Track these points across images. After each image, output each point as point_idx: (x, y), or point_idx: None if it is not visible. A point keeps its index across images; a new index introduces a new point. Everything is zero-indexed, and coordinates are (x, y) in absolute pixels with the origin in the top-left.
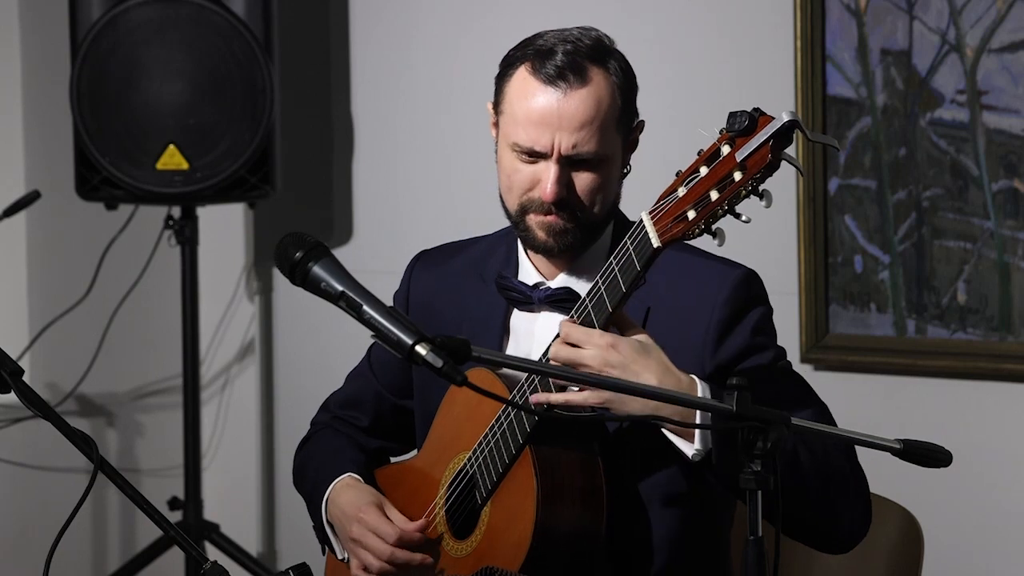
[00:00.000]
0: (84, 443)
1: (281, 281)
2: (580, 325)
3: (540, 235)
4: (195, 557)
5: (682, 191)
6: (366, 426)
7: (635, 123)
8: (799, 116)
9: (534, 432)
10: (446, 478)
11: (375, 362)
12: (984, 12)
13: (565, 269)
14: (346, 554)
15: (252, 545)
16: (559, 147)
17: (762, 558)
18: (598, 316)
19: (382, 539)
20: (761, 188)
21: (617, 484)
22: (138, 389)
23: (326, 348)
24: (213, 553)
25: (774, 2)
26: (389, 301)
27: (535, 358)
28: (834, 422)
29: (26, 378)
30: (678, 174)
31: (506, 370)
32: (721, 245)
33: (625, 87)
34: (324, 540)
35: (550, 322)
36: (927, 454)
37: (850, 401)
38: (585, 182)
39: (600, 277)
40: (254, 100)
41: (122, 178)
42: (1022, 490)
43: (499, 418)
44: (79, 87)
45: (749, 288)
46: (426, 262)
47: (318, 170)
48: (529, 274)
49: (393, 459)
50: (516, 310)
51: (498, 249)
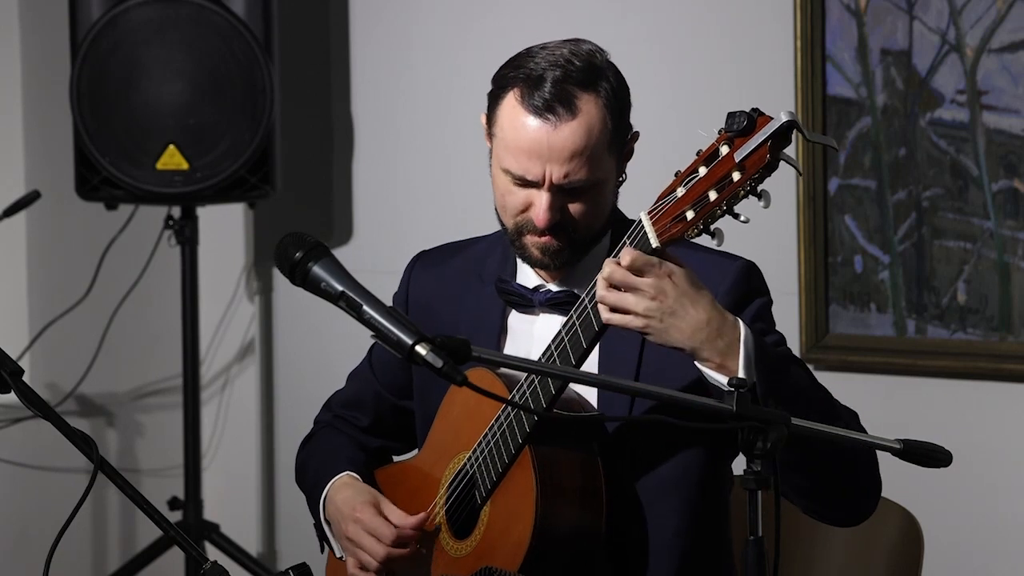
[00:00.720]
0: (84, 443)
1: (281, 281)
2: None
3: (535, 253)
4: (195, 557)
5: (681, 191)
6: (366, 426)
7: (629, 136)
8: (798, 116)
9: (534, 432)
10: (446, 478)
11: (376, 362)
12: (984, 12)
13: (565, 272)
14: (344, 553)
15: (252, 545)
16: (550, 177)
17: (762, 558)
18: (598, 317)
19: (377, 539)
20: (760, 188)
21: (616, 484)
22: (138, 389)
23: (326, 348)
24: (213, 553)
25: (774, 2)
26: (389, 301)
27: (534, 358)
28: (837, 401)
29: (26, 378)
30: (677, 174)
31: (506, 370)
32: (720, 245)
33: (616, 107)
34: (323, 538)
35: (549, 323)
36: (927, 454)
37: (850, 401)
38: (578, 207)
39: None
40: (254, 100)
41: (122, 178)
42: (1022, 490)
43: (499, 418)
44: (79, 87)
45: (749, 279)
46: (425, 262)
47: (318, 170)
48: (528, 276)
49: (394, 458)
50: (514, 311)
51: (496, 250)
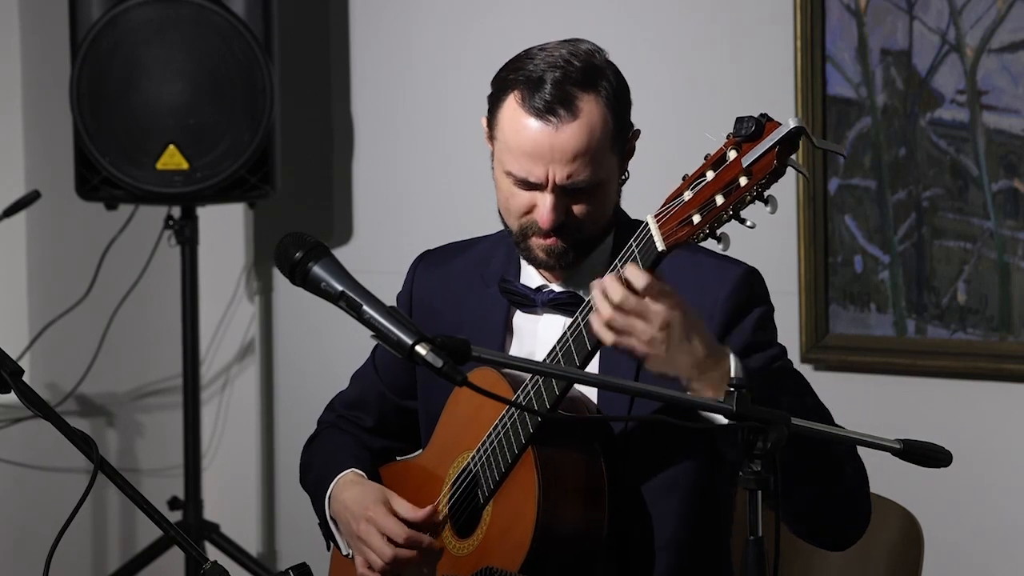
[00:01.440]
0: (84, 443)
1: (281, 281)
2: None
3: (540, 255)
4: (195, 557)
5: (688, 195)
6: (370, 426)
7: (630, 134)
8: (802, 119)
9: (537, 432)
10: (449, 477)
11: (379, 363)
12: (984, 12)
13: (568, 272)
14: (350, 550)
15: (252, 545)
16: (553, 178)
17: (762, 558)
18: None
19: (388, 539)
20: (766, 194)
21: (619, 485)
22: (138, 389)
23: (326, 348)
24: (213, 553)
25: (774, 2)
26: (389, 301)
27: (538, 358)
28: (833, 420)
29: (26, 378)
30: (684, 177)
31: (509, 370)
32: (725, 250)
33: (617, 106)
34: (329, 536)
35: (553, 323)
36: (927, 454)
37: (850, 401)
38: (582, 207)
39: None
40: (254, 100)
41: (122, 178)
42: (1022, 490)
43: (502, 418)
44: (79, 87)
45: (750, 286)
46: (428, 262)
47: (318, 170)
48: (532, 276)
49: (398, 457)
50: (519, 311)
51: (500, 250)
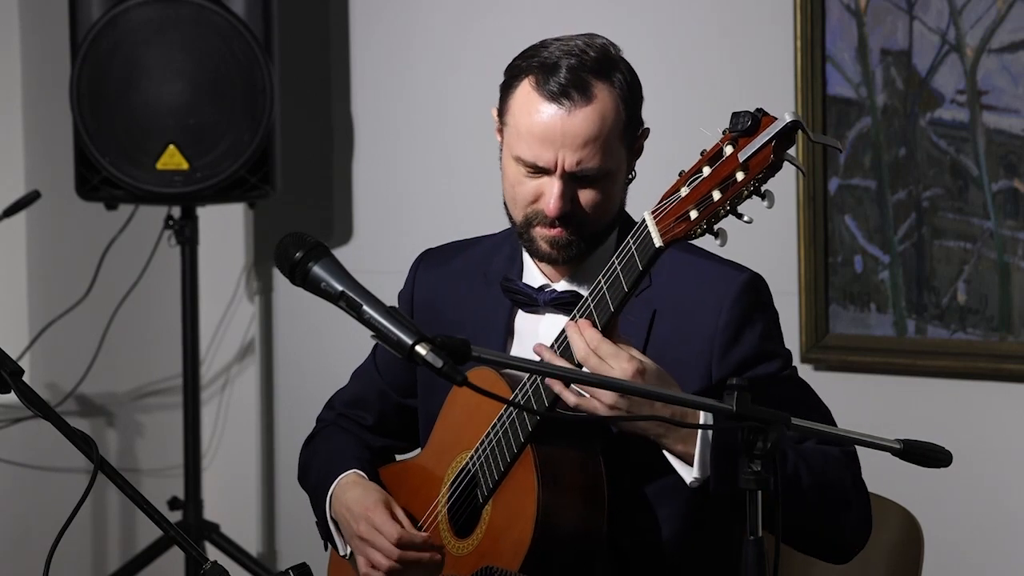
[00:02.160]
0: (84, 443)
1: (281, 281)
2: (602, 336)
3: (544, 247)
4: (195, 557)
5: (685, 191)
6: (371, 425)
7: (640, 131)
8: (800, 116)
9: (536, 431)
10: (448, 477)
11: (380, 361)
12: (984, 12)
13: (571, 271)
14: (349, 550)
15: (252, 545)
16: (563, 164)
17: (762, 558)
18: (600, 315)
19: (389, 539)
20: (763, 189)
21: (618, 484)
22: (138, 389)
23: (326, 348)
24: (213, 553)
25: (774, 2)
26: (390, 301)
27: (538, 359)
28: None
29: (26, 378)
30: (681, 174)
31: (509, 369)
32: (723, 245)
33: (630, 99)
34: (327, 536)
35: (555, 323)
36: (927, 454)
37: (850, 401)
38: (589, 196)
39: (603, 276)
40: (254, 100)
41: (122, 178)
42: (1022, 490)
43: (501, 417)
44: (79, 87)
45: (755, 293)
46: (429, 262)
47: (318, 170)
48: (534, 276)
49: (397, 457)
50: (521, 311)
51: (502, 249)
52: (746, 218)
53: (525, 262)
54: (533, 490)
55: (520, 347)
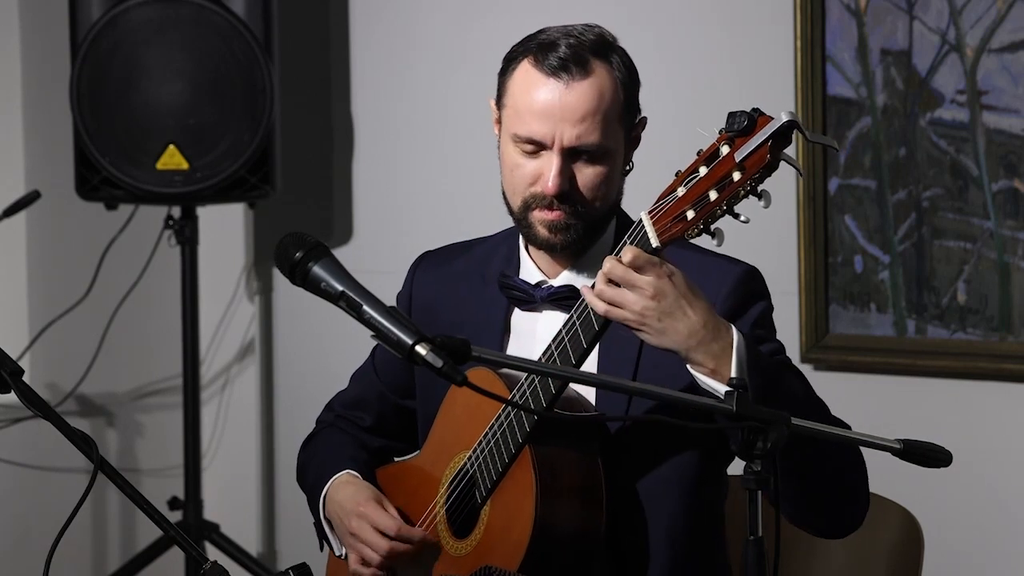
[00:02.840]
0: (84, 443)
1: (281, 281)
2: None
3: (542, 231)
4: (195, 557)
5: (681, 191)
6: (369, 426)
7: (637, 119)
8: (798, 116)
9: (534, 431)
10: (446, 477)
11: (379, 363)
12: (984, 12)
13: (567, 267)
14: (343, 550)
15: (252, 545)
16: (561, 139)
17: (762, 558)
18: (598, 315)
19: (381, 533)
20: (760, 188)
21: (616, 483)
22: (138, 389)
23: (326, 348)
24: (213, 553)
25: (774, 2)
26: (389, 301)
27: (536, 358)
28: (829, 414)
29: (26, 378)
30: (677, 174)
31: (506, 369)
32: (720, 245)
33: (628, 82)
34: (323, 537)
35: (552, 322)
36: (927, 454)
37: (850, 401)
38: (587, 175)
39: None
40: (254, 100)
41: (122, 178)
42: (1022, 490)
43: (499, 417)
44: (79, 87)
45: (749, 284)
46: (428, 263)
47: (318, 170)
48: (531, 273)
49: (395, 458)
50: (517, 310)
51: (500, 250)
52: (743, 218)
53: (522, 260)
54: (531, 490)
55: (517, 346)
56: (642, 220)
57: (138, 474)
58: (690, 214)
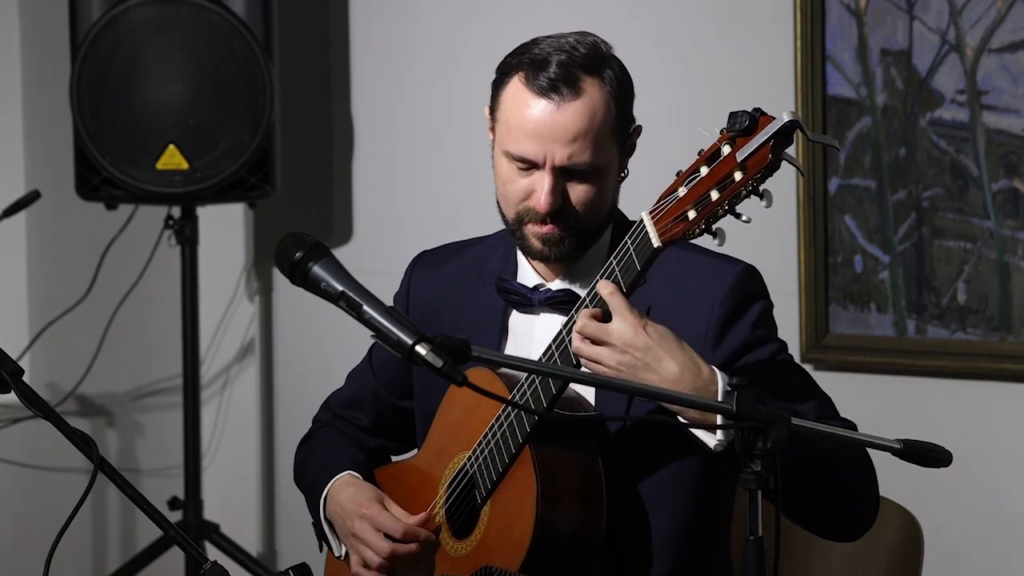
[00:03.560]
0: (84, 443)
1: (281, 281)
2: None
3: (536, 244)
4: (195, 557)
5: (682, 191)
6: (366, 426)
7: (632, 129)
8: (799, 116)
9: (534, 432)
10: (446, 478)
11: (376, 362)
12: (984, 12)
13: (565, 270)
14: (344, 550)
15: (252, 545)
16: (553, 159)
17: (762, 558)
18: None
19: (384, 534)
20: (761, 188)
21: (617, 483)
22: (138, 389)
23: (326, 348)
24: (213, 553)
25: (774, 2)
26: (389, 301)
27: (535, 358)
28: (837, 412)
29: (26, 378)
30: (679, 174)
31: (506, 370)
32: (721, 245)
33: (620, 95)
34: (322, 537)
35: (550, 323)
36: (927, 454)
37: (850, 401)
38: (580, 192)
39: (600, 277)
40: (254, 100)
41: (122, 178)
42: (1022, 490)
43: (499, 418)
44: (79, 87)
45: (749, 283)
46: (425, 263)
47: (318, 170)
48: (528, 275)
49: (394, 458)
50: (515, 311)
51: (497, 250)
52: (744, 218)
53: (520, 262)
54: (532, 490)
55: (515, 347)
56: (643, 220)
57: (138, 474)
58: (691, 214)
